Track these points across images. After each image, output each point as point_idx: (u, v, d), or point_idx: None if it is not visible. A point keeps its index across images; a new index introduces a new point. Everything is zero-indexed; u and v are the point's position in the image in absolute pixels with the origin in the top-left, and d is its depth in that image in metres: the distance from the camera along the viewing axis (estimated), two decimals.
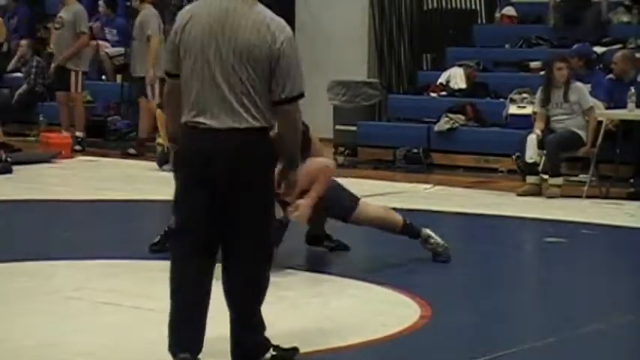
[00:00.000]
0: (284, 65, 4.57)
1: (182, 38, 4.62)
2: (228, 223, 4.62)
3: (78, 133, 14.00)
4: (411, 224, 7.16)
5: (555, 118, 10.89)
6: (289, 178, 4.77)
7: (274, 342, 4.85)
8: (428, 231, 7.20)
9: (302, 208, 6.73)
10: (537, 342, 5.53)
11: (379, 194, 10.23)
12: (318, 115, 13.43)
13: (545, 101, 10.86)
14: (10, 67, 16.23)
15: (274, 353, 4.82)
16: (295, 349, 4.97)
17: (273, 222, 4.81)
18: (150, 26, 13.29)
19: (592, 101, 11.00)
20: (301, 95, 4.65)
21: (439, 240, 7.16)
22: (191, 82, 4.60)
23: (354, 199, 7.12)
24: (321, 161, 6.97)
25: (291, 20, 15.55)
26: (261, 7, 4.62)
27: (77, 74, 13.88)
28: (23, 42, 16.18)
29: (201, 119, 4.57)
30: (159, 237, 7.26)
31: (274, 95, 4.59)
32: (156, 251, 7.19)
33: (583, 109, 10.84)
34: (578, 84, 11.04)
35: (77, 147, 13.76)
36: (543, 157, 10.76)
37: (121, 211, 9.71)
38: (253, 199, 4.61)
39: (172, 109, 4.78)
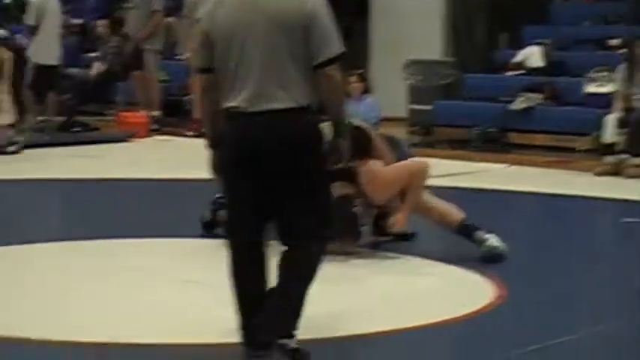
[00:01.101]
0: (318, 27, 4.44)
1: (212, 24, 4.50)
2: (279, 208, 4.49)
3: (154, 113, 14.11)
4: (470, 224, 6.77)
5: (637, 97, 10.69)
6: (338, 146, 4.57)
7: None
8: (485, 235, 6.75)
9: (400, 223, 6.69)
10: (610, 325, 5.45)
11: (454, 174, 10.16)
12: (393, 94, 13.39)
13: (629, 80, 10.66)
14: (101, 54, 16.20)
15: (297, 347, 4.53)
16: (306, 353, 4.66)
17: (328, 203, 4.64)
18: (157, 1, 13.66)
19: None
20: (341, 55, 4.48)
21: (495, 243, 6.71)
22: (226, 67, 4.48)
23: None
24: (413, 165, 6.77)
25: (366, 0, 15.50)
26: None
27: (151, 53, 13.98)
28: (101, 22, 16.31)
29: (238, 103, 4.45)
30: (208, 213, 7.29)
31: (314, 60, 4.44)
32: (209, 229, 7.24)
33: None
34: None
35: (154, 126, 13.87)
36: (623, 137, 10.58)
37: (195, 191, 9.75)
38: (302, 180, 4.47)
39: (208, 105, 4.62)
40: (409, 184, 6.67)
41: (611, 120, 10.54)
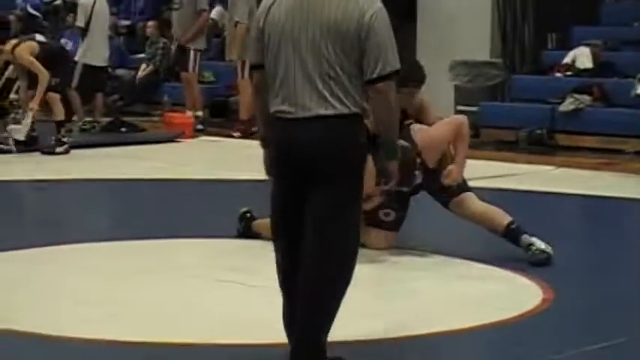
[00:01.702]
0: (374, 41, 4.27)
1: (266, 21, 4.38)
2: (306, 217, 4.34)
3: (198, 113, 14.13)
4: (516, 228, 6.71)
5: None
6: (387, 168, 4.43)
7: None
8: (531, 238, 6.67)
9: (454, 174, 6.72)
10: None
11: (501, 176, 10.09)
12: (439, 95, 13.31)
13: None
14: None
15: None
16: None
17: (357, 220, 4.42)
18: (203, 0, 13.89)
19: None
20: (395, 72, 4.32)
21: (542, 246, 6.63)
22: (276, 68, 4.36)
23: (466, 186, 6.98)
24: (451, 120, 6.94)
25: (413, 1, 15.45)
26: None
27: (194, 53, 14.00)
28: (150, 23, 16.39)
29: (286, 107, 4.34)
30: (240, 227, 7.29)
31: (366, 74, 4.29)
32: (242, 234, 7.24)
33: None
34: None
35: (199, 127, 13.90)
36: None
37: (240, 191, 9.77)
38: (335, 192, 4.31)
39: (260, 104, 4.53)
40: (455, 139, 6.77)
41: None
